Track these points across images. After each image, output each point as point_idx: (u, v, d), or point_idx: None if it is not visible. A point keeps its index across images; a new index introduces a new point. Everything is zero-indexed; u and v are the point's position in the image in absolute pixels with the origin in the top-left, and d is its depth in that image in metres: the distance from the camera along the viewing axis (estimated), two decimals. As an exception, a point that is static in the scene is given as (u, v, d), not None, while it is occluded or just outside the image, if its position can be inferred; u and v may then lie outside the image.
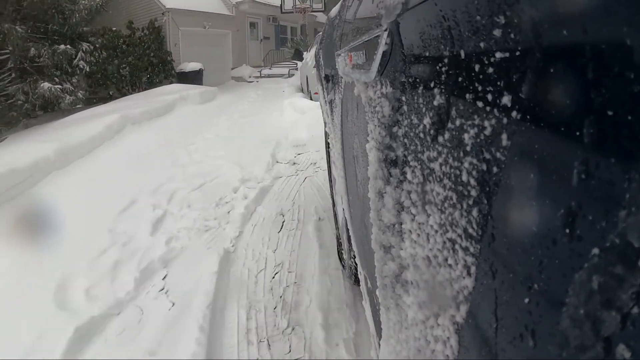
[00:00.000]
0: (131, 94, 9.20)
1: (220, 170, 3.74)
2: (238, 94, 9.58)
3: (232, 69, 13.03)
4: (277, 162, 4.01)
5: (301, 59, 9.28)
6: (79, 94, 8.54)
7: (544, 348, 0.20)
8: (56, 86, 8.06)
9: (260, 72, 13.28)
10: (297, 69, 11.80)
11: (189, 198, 3.11)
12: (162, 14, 10.53)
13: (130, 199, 3.06)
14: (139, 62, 9.60)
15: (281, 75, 12.65)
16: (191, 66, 10.60)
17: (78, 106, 8.38)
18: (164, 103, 6.80)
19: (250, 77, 12.96)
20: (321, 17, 16.84)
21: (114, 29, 9.68)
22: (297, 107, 6.03)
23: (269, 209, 2.90)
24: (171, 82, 9.99)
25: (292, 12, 13.68)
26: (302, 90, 9.15)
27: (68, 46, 8.47)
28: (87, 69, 8.79)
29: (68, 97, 8.27)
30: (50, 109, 8.29)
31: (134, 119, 5.69)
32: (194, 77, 10.37)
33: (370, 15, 0.68)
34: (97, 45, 9.19)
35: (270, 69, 13.94)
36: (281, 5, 13.66)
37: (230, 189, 3.23)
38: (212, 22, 11.83)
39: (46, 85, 7.93)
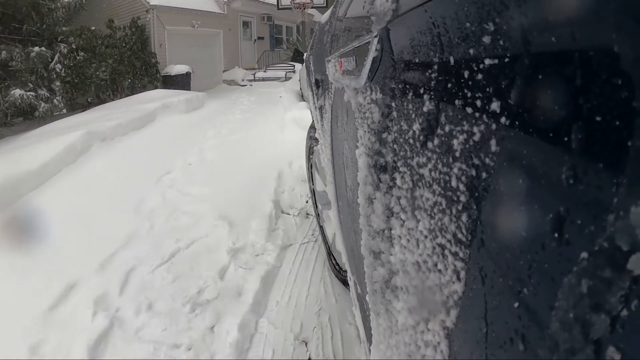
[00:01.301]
0: (113, 100, 8.31)
1: (201, 226, 2.50)
2: (230, 101, 8.34)
3: (224, 71, 12.01)
4: (283, 211, 2.69)
5: (302, 61, 8.53)
6: (55, 100, 7.69)
7: (534, 352, 0.20)
8: (29, 93, 7.25)
9: (254, 75, 12.01)
10: (294, 72, 11.05)
11: (152, 285, 2.00)
12: (146, 11, 9.41)
13: (69, 281, 2.04)
14: (119, 65, 8.50)
15: (277, 79, 11.67)
16: (178, 69, 9.59)
17: (60, 112, 7.71)
18: (143, 113, 5.79)
19: (243, 80, 11.86)
20: (318, 17, 16.49)
21: (93, 28, 8.53)
22: (300, 122, 4.77)
23: (279, 325, 1.70)
24: (156, 87, 8.91)
25: (290, 9, 12.52)
26: (302, 97, 7.89)
27: (43, 48, 7.57)
28: (63, 73, 7.89)
29: (43, 104, 7.43)
30: (30, 116, 7.55)
31: (103, 134, 4.66)
32: (181, 81, 9.41)
33: (361, 15, 0.69)
34: (73, 47, 8.11)
35: (265, 71, 12.71)
36: (278, 0, 12.51)
37: (214, 270, 2.07)
38: (201, 21, 10.70)
39: (17, 92, 7.08)
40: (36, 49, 7.49)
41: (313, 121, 1.83)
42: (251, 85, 11.43)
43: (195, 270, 2.11)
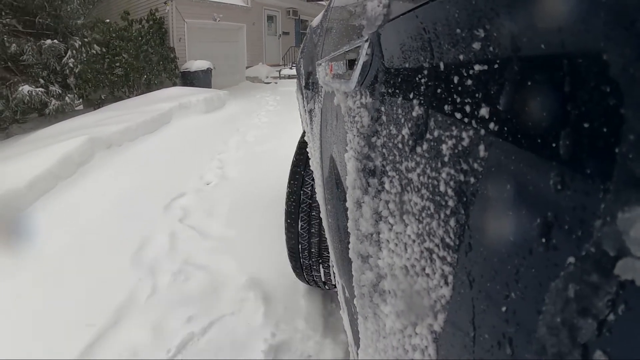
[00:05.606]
0: (128, 97, 7.75)
1: (222, 295, 1.78)
2: (254, 100, 7.59)
3: (247, 67, 11.41)
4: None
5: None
6: (68, 97, 7.26)
7: (522, 356, 0.20)
8: (38, 89, 6.79)
9: (279, 72, 11.48)
10: (323, 69, 10.60)
11: None
12: (165, 2, 8.82)
13: None
14: (135, 61, 7.94)
15: (304, 76, 11.22)
16: (198, 65, 8.96)
17: (74, 110, 7.34)
18: (157, 114, 5.04)
19: (267, 77, 11.27)
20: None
21: (107, 20, 8.06)
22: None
23: None
24: (174, 84, 8.44)
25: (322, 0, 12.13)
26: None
27: (55, 41, 7.07)
28: (76, 69, 7.39)
29: (54, 101, 7.00)
30: (48, 113, 7.13)
31: (109, 140, 3.95)
32: (201, 78, 8.83)
33: (352, 19, 0.69)
34: (85, 40, 7.59)
35: (291, 68, 11.87)
36: (308, -9, 12.09)
37: None
38: (223, 14, 10.10)
39: (26, 88, 6.63)
40: (48, 41, 7.06)
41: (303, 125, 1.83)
42: (276, 82, 10.80)
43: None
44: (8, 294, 1.88)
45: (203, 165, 3.55)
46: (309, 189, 1.61)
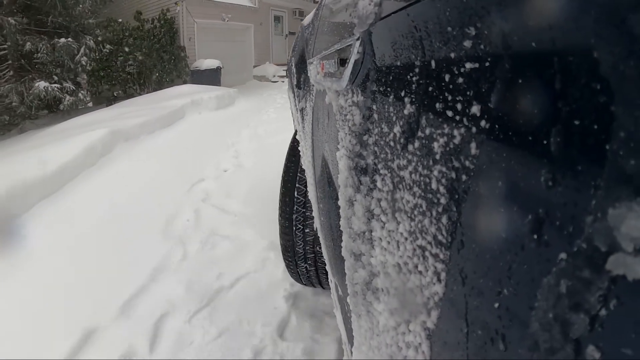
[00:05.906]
0: (140, 94, 8.01)
1: (246, 257, 2.06)
2: (262, 98, 7.94)
3: (254, 67, 11.65)
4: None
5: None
6: (80, 94, 7.52)
7: (515, 352, 0.21)
8: (53, 85, 7.02)
9: (286, 71, 12.20)
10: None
11: (191, 345, 1.57)
12: (175, 3, 9.08)
13: (88, 327, 1.61)
14: (147, 59, 8.21)
15: (310, 75, 11.44)
16: (208, 63, 9.16)
17: (85, 106, 7.56)
18: (171, 110, 5.31)
19: (274, 76, 11.48)
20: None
21: (120, 20, 8.41)
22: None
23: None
24: (184, 82, 8.68)
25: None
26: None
27: (70, 39, 7.33)
28: (89, 67, 7.67)
29: (68, 97, 7.25)
30: (55, 109, 7.39)
31: (128, 133, 4.14)
32: (210, 77, 8.99)
33: (344, 18, 0.69)
34: (99, 39, 7.94)
35: None
36: (317, -7, 12.39)
37: (271, 324, 1.64)
38: (232, 14, 10.32)
39: (42, 84, 6.87)
40: (62, 40, 7.26)
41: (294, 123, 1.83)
42: (283, 81, 10.93)
43: (244, 322, 1.60)
44: (64, 249, 2.18)
45: (219, 156, 3.83)
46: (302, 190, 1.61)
